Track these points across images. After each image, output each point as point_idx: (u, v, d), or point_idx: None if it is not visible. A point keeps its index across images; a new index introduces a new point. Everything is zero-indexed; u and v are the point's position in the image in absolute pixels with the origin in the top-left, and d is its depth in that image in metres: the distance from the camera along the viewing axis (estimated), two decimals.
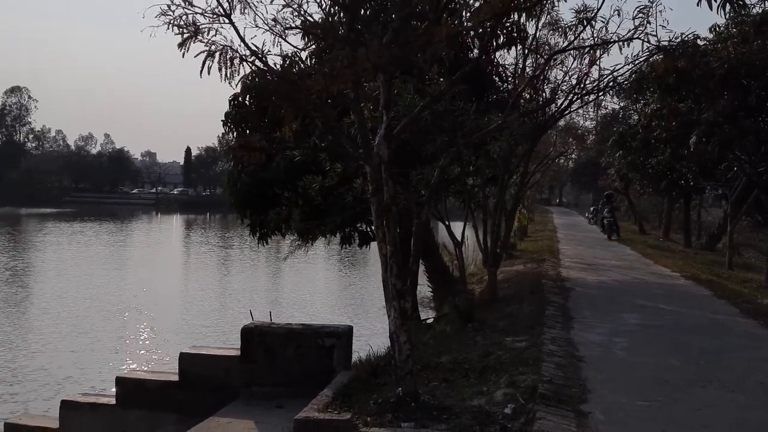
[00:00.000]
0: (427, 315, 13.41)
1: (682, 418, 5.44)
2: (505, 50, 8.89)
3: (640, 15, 7.89)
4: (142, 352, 16.75)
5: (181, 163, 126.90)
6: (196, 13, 5.81)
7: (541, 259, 16.27)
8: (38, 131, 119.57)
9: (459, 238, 9.78)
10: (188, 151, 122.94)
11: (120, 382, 8.44)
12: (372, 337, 12.69)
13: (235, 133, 12.30)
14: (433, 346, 7.98)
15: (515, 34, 7.05)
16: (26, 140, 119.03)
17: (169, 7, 5.76)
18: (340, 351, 7.56)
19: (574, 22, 8.48)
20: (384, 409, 5.58)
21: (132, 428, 8.05)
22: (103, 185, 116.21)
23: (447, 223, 8.96)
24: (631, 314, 9.75)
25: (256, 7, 5.95)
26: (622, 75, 9.55)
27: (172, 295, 25.65)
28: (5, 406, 12.37)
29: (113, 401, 8.42)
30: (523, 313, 9.23)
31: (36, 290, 25.49)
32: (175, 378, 8.34)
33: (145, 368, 12.52)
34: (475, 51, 8.56)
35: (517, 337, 7.76)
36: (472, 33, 6.76)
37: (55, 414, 8.68)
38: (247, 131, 11.75)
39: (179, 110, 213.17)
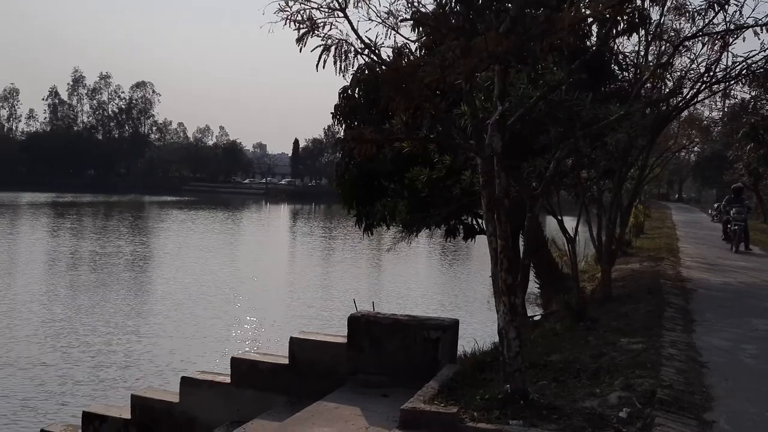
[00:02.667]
0: (534, 312, 13.11)
1: None
2: (625, 37, 8.46)
3: None
4: (251, 335, 17.53)
5: (290, 154, 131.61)
6: (312, 8, 5.94)
7: (659, 258, 15.41)
8: (161, 124, 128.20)
9: (569, 233, 9.43)
10: (296, 142, 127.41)
11: (234, 362, 8.81)
12: (476, 331, 12.56)
13: (344, 125, 12.56)
14: (542, 344, 7.76)
15: (637, 20, 6.69)
16: (150, 132, 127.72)
17: (286, 3, 5.93)
18: (445, 344, 7.51)
19: (703, 7, 7.91)
20: (491, 405, 5.51)
21: (245, 407, 8.38)
22: (217, 175, 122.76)
23: (559, 217, 8.68)
24: (760, 319, 9.04)
25: (370, 0, 6.01)
26: (756, 62, 8.82)
27: (278, 282, 26.68)
28: (130, 382, 13.36)
29: (228, 380, 8.81)
30: (640, 313, 8.78)
31: (156, 275, 27.30)
32: (285, 361, 8.61)
33: (256, 351, 13.08)
34: (593, 38, 8.20)
35: (633, 338, 7.40)
36: (589, 20, 6.48)
37: (175, 389, 9.21)
38: (356, 123, 11.95)
39: (289, 104, 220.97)
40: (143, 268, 29.11)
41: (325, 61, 5.90)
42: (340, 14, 5.90)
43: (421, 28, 6.59)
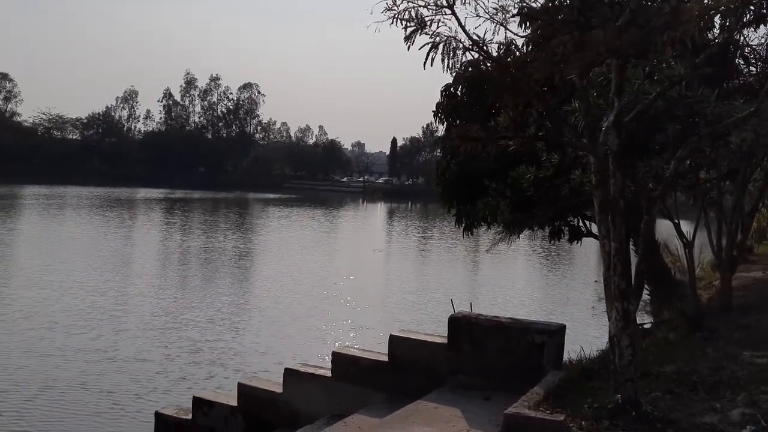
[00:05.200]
0: (643, 319, 12.46)
1: None
2: (752, 28, 7.84)
3: None
4: (347, 332, 17.81)
5: (387, 153, 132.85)
6: (420, 6, 5.93)
7: None
8: (265, 124, 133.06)
9: (686, 237, 8.87)
10: (394, 141, 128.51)
11: (336, 357, 8.96)
12: (581, 337, 12.14)
13: (445, 124, 12.46)
14: (654, 354, 7.39)
15: (766, 11, 6.20)
16: (255, 132, 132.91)
17: (394, 2, 5.94)
18: (551, 349, 7.30)
19: None
20: (600, 415, 5.31)
21: (345, 401, 8.49)
22: (317, 173, 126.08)
23: (676, 221, 8.21)
24: None
25: None
26: None
27: (374, 281, 26.96)
28: (231, 372, 13.88)
29: (329, 374, 8.98)
30: (764, 325, 8.18)
31: (257, 272, 28.29)
32: (385, 359, 8.66)
33: (356, 347, 13.25)
34: (716, 30, 7.67)
35: (757, 351, 6.90)
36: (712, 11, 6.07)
37: (278, 380, 9.48)
38: (458, 121, 11.83)
39: (387, 103, 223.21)
40: (245, 264, 30.24)
41: (432, 59, 5.88)
42: (448, 11, 5.86)
43: (529, 23, 6.40)
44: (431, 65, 5.92)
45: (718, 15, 6.73)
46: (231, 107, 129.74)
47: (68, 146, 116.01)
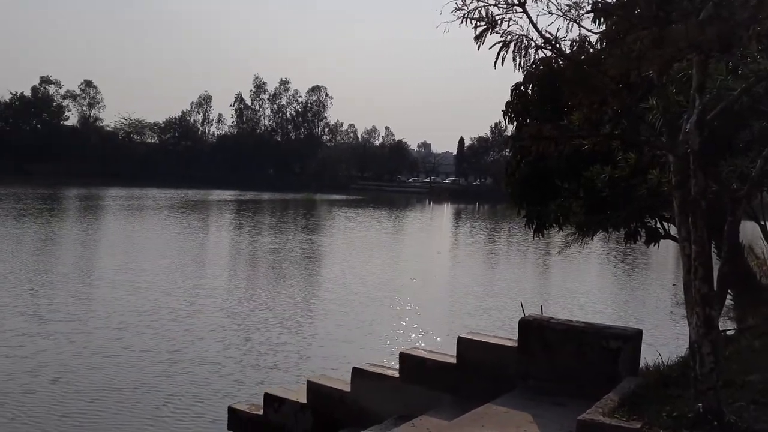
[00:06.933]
0: (725, 326, 11.89)
1: None
2: None
3: None
4: (413, 333, 17.80)
5: (454, 153, 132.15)
6: (490, 4, 5.87)
7: None
8: (332, 125, 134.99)
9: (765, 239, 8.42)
10: (461, 141, 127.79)
11: (403, 357, 8.96)
12: (658, 342, 11.68)
13: (515, 123, 12.27)
14: (738, 362, 7.02)
15: None
16: (322, 133, 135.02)
17: (464, 1, 5.91)
18: (626, 355, 7.07)
19: None
20: (680, 424, 5.10)
21: (413, 402, 8.49)
22: (383, 174, 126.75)
23: (763, 222, 7.80)
24: None
25: None
26: None
27: (440, 282, 26.85)
28: (297, 378, 14.08)
29: (396, 374, 9.00)
30: None
31: (324, 273, 28.61)
32: (453, 360, 8.61)
33: (423, 348, 13.23)
34: None
35: None
36: None
37: (346, 378, 9.58)
38: (528, 120, 11.62)
39: (454, 103, 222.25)
40: (311, 265, 30.62)
41: (503, 58, 5.81)
42: (519, 9, 5.78)
43: (604, 20, 6.23)
44: (502, 64, 5.86)
45: None
46: (299, 110, 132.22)
47: (147, 149, 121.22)
